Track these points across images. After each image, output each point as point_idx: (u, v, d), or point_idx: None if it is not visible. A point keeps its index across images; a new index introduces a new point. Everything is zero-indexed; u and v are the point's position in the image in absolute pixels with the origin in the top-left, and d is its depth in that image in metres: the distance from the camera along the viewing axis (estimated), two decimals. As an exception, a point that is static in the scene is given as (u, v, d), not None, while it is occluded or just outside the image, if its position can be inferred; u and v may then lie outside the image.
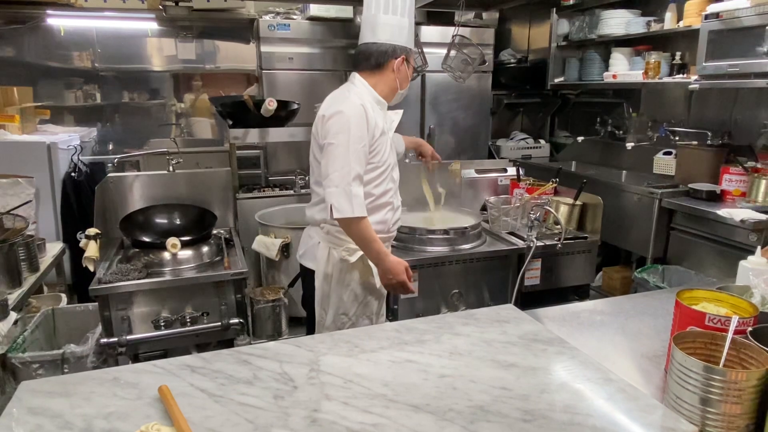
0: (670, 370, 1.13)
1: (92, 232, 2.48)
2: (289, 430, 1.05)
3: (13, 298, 2.30)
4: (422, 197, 2.73)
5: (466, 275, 2.61)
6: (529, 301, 2.59)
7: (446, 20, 4.41)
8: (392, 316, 2.45)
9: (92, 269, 2.38)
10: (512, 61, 5.01)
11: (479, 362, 1.31)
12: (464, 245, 2.60)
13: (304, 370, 1.27)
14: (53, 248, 2.99)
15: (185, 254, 2.45)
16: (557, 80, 4.60)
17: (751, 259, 1.48)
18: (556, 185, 3.09)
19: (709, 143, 3.45)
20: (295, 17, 4.41)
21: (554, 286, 2.78)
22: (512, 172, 3.38)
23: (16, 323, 2.23)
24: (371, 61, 2.01)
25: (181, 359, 1.33)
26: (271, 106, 3.00)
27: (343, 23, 4.39)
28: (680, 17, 3.46)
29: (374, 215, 2.01)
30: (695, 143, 3.53)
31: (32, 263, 2.60)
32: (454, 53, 3.33)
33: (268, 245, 2.93)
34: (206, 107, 4.81)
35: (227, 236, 2.78)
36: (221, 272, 2.40)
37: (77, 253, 2.55)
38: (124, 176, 2.89)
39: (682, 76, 3.49)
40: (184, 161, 3.04)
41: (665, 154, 3.71)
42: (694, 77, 3.25)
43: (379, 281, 2.05)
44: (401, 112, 2.17)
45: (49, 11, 4.04)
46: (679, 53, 3.56)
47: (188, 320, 2.35)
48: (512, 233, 2.80)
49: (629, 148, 3.98)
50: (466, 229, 2.62)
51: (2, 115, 3.54)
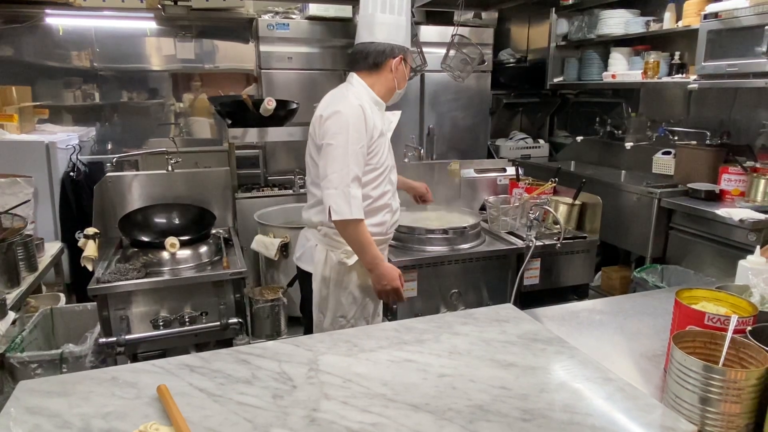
0: (669, 369, 1.13)
1: (91, 231, 2.48)
2: (288, 429, 1.05)
3: (11, 297, 2.30)
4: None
5: (465, 275, 2.61)
6: (528, 300, 2.59)
7: (445, 20, 4.41)
8: (391, 315, 2.44)
9: (91, 269, 2.37)
10: (511, 60, 5.02)
11: (478, 362, 1.31)
12: (463, 245, 2.60)
13: (303, 369, 1.27)
14: (52, 248, 2.99)
15: (184, 254, 2.44)
16: (556, 80, 4.60)
17: (750, 258, 1.49)
18: (555, 185, 3.09)
19: (708, 143, 3.45)
20: (294, 17, 4.41)
21: (553, 285, 2.78)
22: (511, 171, 3.38)
23: (14, 323, 2.23)
24: (369, 60, 1.98)
25: (179, 359, 1.32)
26: (270, 105, 3.00)
27: (342, 23, 4.39)
28: (679, 17, 3.46)
29: (372, 218, 1.99)
30: (694, 143, 3.53)
31: (31, 263, 2.59)
32: (453, 53, 3.33)
33: (267, 245, 2.93)
34: (205, 107, 4.80)
35: (226, 236, 2.78)
36: (220, 272, 2.40)
37: (76, 252, 2.55)
38: (122, 176, 2.89)
39: (681, 75, 3.49)
40: (182, 161, 3.03)
41: (664, 153, 3.72)
42: (693, 77, 3.25)
43: (364, 279, 2.03)
44: (399, 113, 2.14)
45: (47, 10, 4.04)
46: (678, 53, 3.57)
47: (187, 320, 2.35)
48: (511, 233, 2.80)
49: (628, 147, 3.98)
50: (465, 228, 2.62)
51: (1, 114, 3.54)
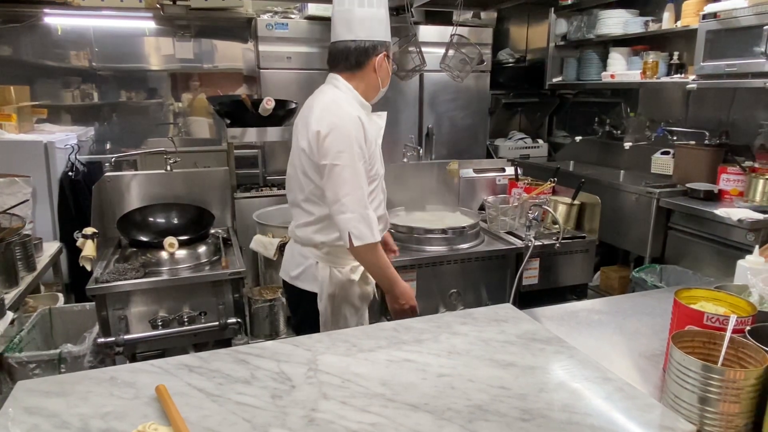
0: (668, 369, 1.13)
1: (89, 231, 2.47)
2: (286, 429, 1.05)
3: (9, 297, 2.29)
4: (420, 197, 2.72)
5: (464, 275, 2.61)
6: (527, 300, 2.60)
7: (444, 20, 4.40)
8: (390, 315, 2.44)
9: (89, 269, 2.37)
10: (510, 60, 5.02)
11: (477, 361, 1.30)
12: (462, 245, 2.60)
13: (301, 369, 1.27)
14: (50, 248, 2.98)
15: (183, 254, 2.44)
16: (555, 80, 4.61)
17: (749, 258, 1.49)
18: (554, 185, 3.09)
19: (706, 143, 3.46)
20: (293, 16, 4.40)
21: (552, 285, 2.78)
22: (510, 171, 3.37)
23: (12, 323, 2.23)
24: (350, 60, 1.84)
25: (178, 359, 1.32)
26: (269, 105, 2.99)
27: (341, 23, 4.37)
28: (678, 17, 3.46)
29: None
30: (693, 143, 3.54)
31: (29, 263, 2.59)
32: (452, 53, 3.33)
33: (266, 245, 2.92)
34: (204, 106, 4.80)
35: (225, 236, 2.78)
36: (219, 272, 2.40)
37: (74, 252, 2.54)
38: (121, 175, 2.88)
39: (679, 75, 3.50)
40: (181, 160, 3.02)
41: (663, 153, 3.72)
42: (691, 77, 3.26)
43: (371, 289, 2.00)
44: (385, 114, 1.97)
45: (46, 10, 4.03)
46: (676, 53, 3.57)
47: (186, 320, 2.35)
48: (510, 233, 2.80)
49: (627, 147, 3.99)
50: (464, 228, 2.62)
51: (-1, 114, 3.54)
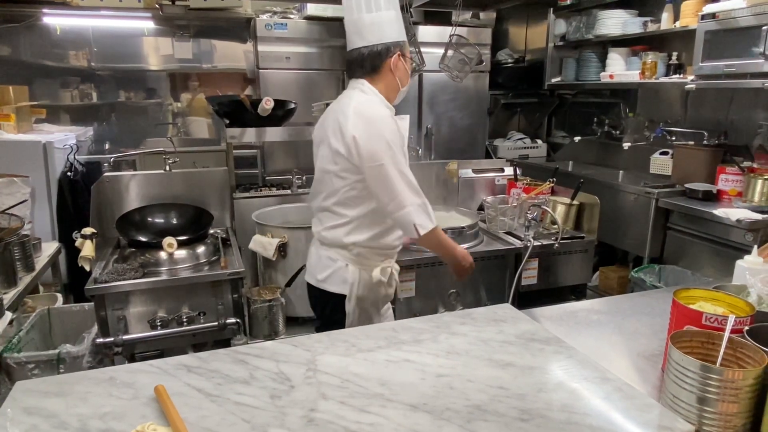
0: (667, 369, 1.14)
1: (88, 231, 2.47)
2: (286, 429, 1.05)
3: (8, 297, 2.29)
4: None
5: (463, 275, 2.61)
6: (526, 300, 2.60)
7: (444, 20, 4.40)
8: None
9: (88, 269, 2.37)
10: (509, 61, 5.03)
11: (476, 361, 1.30)
12: (461, 245, 2.57)
13: (300, 369, 1.27)
14: (49, 248, 2.98)
15: (182, 254, 2.44)
16: (554, 80, 4.61)
17: (747, 258, 1.49)
18: (553, 185, 3.10)
19: (705, 143, 3.46)
20: (292, 17, 4.41)
21: (551, 285, 2.78)
22: (509, 171, 3.37)
23: (11, 323, 2.23)
24: (366, 66, 1.88)
25: (177, 359, 1.32)
26: (268, 105, 2.99)
27: (340, 23, 4.32)
28: (677, 17, 3.47)
29: (395, 232, 1.93)
30: (692, 143, 3.54)
31: (28, 263, 2.58)
32: (451, 53, 3.33)
33: (265, 245, 2.91)
34: (203, 106, 4.80)
35: (224, 236, 2.78)
36: (218, 272, 2.39)
37: (73, 252, 2.54)
38: (120, 175, 2.88)
39: (678, 76, 3.50)
40: (180, 161, 3.02)
41: (662, 154, 3.73)
42: (690, 77, 3.26)
43: (392, 291, 2.03)
44: (408, 118, 2.00)
45: (45, 10, 4.03)
46: (675, 53, 3.58)
47: (185, 320, 2.34)
48: (509, 233, 2.80)
49: (626, 148, 3.99)
50: (463, 228, 2.62)
51: (-2, 114, 3.53)
